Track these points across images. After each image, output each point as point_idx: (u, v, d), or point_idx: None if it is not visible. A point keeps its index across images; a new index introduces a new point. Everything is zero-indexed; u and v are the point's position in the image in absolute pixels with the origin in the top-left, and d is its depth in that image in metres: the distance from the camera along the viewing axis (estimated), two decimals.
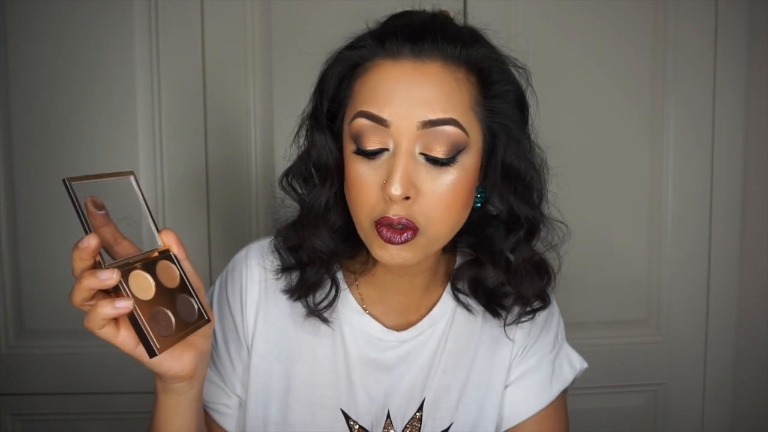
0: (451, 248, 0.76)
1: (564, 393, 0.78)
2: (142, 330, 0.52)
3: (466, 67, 0.63)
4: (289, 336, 0.74)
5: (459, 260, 0.76)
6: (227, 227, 1.22)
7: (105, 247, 0.55)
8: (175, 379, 0.58)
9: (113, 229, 0.57)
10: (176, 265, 0.59)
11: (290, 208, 0.74)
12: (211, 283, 0.88)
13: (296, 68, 1.18)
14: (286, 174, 0.71)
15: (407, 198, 0.60)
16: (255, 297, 0.73)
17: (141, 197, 0.59)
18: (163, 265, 0.58)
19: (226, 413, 0.74)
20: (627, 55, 1.25)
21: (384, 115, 0.60)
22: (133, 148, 1.18)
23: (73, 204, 0.51)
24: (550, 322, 0.79)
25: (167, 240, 0.60)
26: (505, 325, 0.74)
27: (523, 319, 0.74)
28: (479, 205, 0.69)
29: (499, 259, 0.70)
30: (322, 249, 0.69)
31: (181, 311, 0.57)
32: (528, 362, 0.76)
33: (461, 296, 0.74)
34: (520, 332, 0.76)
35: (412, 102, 0.59)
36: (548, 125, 1.20)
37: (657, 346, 1.31)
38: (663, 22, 1.25)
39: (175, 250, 0.60)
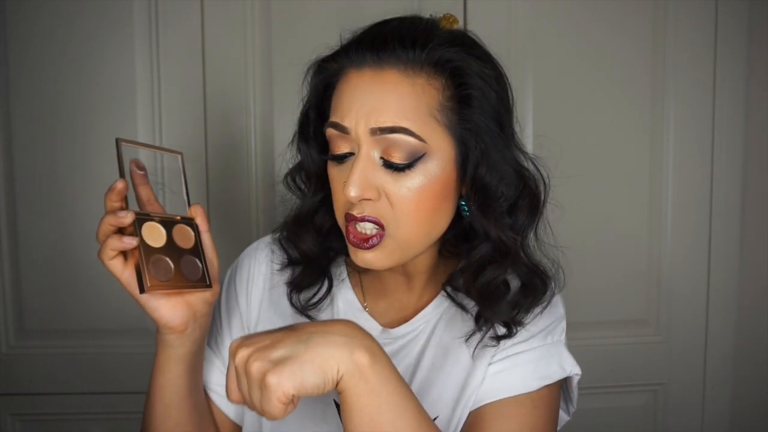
0: (452, 254, 0.76)
1: (550, 393, 0.73)
2: (139, 266, 0.60)
3: (431, 71, 0.62)
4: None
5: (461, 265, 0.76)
6: (227, 227, 1.22)
7: (139, 205, 0.65)
8: (167, 329, 0.64)
9: (149, 190, 0.65)
10: (195, 233, 0.67)
11: (293, 202, 0.76)
12: None
13: (296, 69, 1.18)
14: (290, 173, 0.74)
15: (369, 200, 0.63)
16: (260, 288, 0.77)
17: (183, 175, 0.69)
18: (181, 227, 0.66)
19: (223, 395, 0.76)
20: (627, 55, 1.25)
21: (345, 123, 0.63)
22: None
23: (118, 160, 0.62)
24: (550, 314, 0.75)
25: (195, 211, 0.67)
26: (476, 345, 0.71)
27: (488, 344, 0.70)
28: (467, 214, 0.68)
29: (470, 272, 0.69)
30: (306, 252, 0.73)
31: (184, 268, 0.64)
32: (516, 347, 0.72)
33: (455, 295, 0.73)
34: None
35: (366, 109, 0.61)
36: (548, 125, 1.21)
37: (657, 346, 1.32)
38: (663, 22, 1.25)
39: (199, 221, 0.67)
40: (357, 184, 0.61)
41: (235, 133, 1.21)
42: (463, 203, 0.67)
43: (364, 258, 0.65)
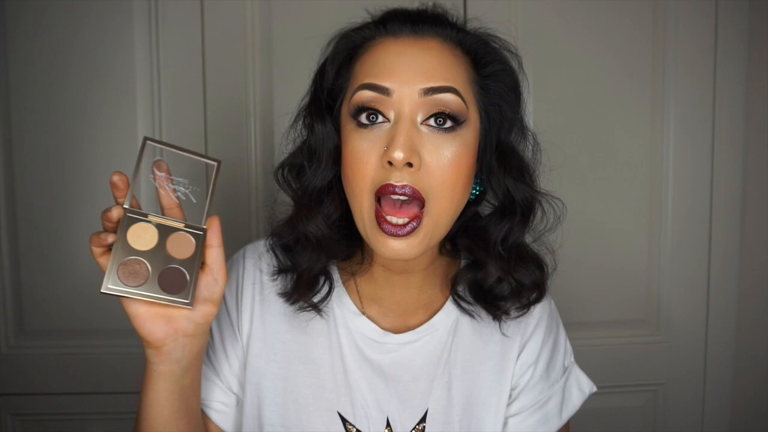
0: (452, 253, 0.76)
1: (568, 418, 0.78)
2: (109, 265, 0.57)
3: (461, 49, 0.65)
4: (284, 337, 0.73)
5: (462, 264, 0.76)
6: (227, 227, 1.21)
7: (161, 209, 0.62)
8: (145, 343, 0.60)
9: (171, 196, 0.62)
10: (198, 245, 0.61)
11: (286, 205, 0.74)
12: None
13: (296, 68, 1.18)
14: (282, 166, 0.71)
15: (410, 166, 0.60)
16: (249, 297, 0.74)
17: (213, 184, 0.64)
18: (181, 235, 0.61)
19: (223, 411, 0.74)
20: (627, 56, 1.25)
21: (386, 84, 0.61)
22: (134, 147, 1.18)
23: (138, 157, 0.59)
24: (557, 348, 0.77)
25: (210, 223, 0.63)
26: (500, 321, 0.73)
27: (517, 314, 0.72)
28: (473, 197, 0.70)
29: (494, 249, 0.70)
30: (316, 235, 0.68)
31: (165, 278, 0.59)
32: (539, 396, 0.74)
33: (464, 303, 0.73)
34: (527, 354, 0.74)
35: (413, 71, 0.61)
36: (548, 125, 1.21)
37: (657, 346, 1.31)
38: (663, 22, 1.25)
39: (210, 233, 0.62)
40: (403, 146, 0.59)
41: (235, 132, 1.21)
42: (474, 190, 0.69)
43: (395, 247, 0.62)
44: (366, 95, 0.62)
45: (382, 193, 0.61)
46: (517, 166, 0.68)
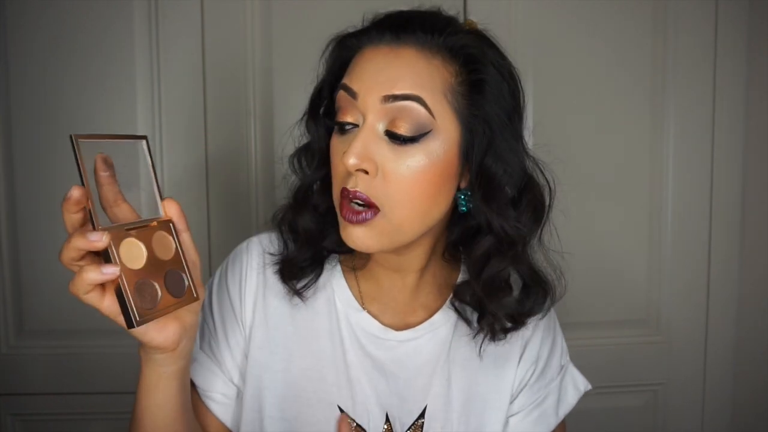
0: (453, 259, 0.76)
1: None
2: (124, 299, 0.52)
3: (447, 56, 0.63)
4: (287, 329, 0.74)
5: (462, 276, 0.76)
6: (227, 226, 1.22)
7: (104, 207, 0.56)
8: (158, 350, 0.58)
9: (116, 189, 0.57)
10: (173, 237, 0.58)
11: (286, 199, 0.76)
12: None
13: (296, 67, 1.18)
14: (297, 154, 0.74)
15: (366, 173, 0.61)
16: (253, 288, 0.74)
17: (150, 164, 0.59)
18: (159, 236, 0.57)
19: (223, 403, 0.73)
20: (627, 56, 1.25)
21: (354, 87, 0.62)
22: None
23: (76, 160, 0.52)
24: (555, 347, 0.79)
25: (169, 210, 0.59)
26: (494, 337, 0.72)
27: (498, 337, 0.71)
28: (464, 209, 0.67)
29: (472, 265, 0.69)
30: (304, 228, 0.71)
31: (170, 285, 0.56)
32: (536, 394, 0.76)
33: (459, 307, 0.73)
34: (530, 353, 0.76)
35: (380, 78, 0.61)
36: (547, 124, 1.21)
37: (657, 346, 1.32)
38: (663, 22, 1.25)
39: (176, 221, 0.59)
40: (356, 153, 0.60)
41: (235, 132, 1.21)
42: (461, 196, 0.67)
43: (353, 235, 0.63)
44: (341, 96, 0.64)
45: (341, 196, 0.64)
46: (496, 195, 0.64)
